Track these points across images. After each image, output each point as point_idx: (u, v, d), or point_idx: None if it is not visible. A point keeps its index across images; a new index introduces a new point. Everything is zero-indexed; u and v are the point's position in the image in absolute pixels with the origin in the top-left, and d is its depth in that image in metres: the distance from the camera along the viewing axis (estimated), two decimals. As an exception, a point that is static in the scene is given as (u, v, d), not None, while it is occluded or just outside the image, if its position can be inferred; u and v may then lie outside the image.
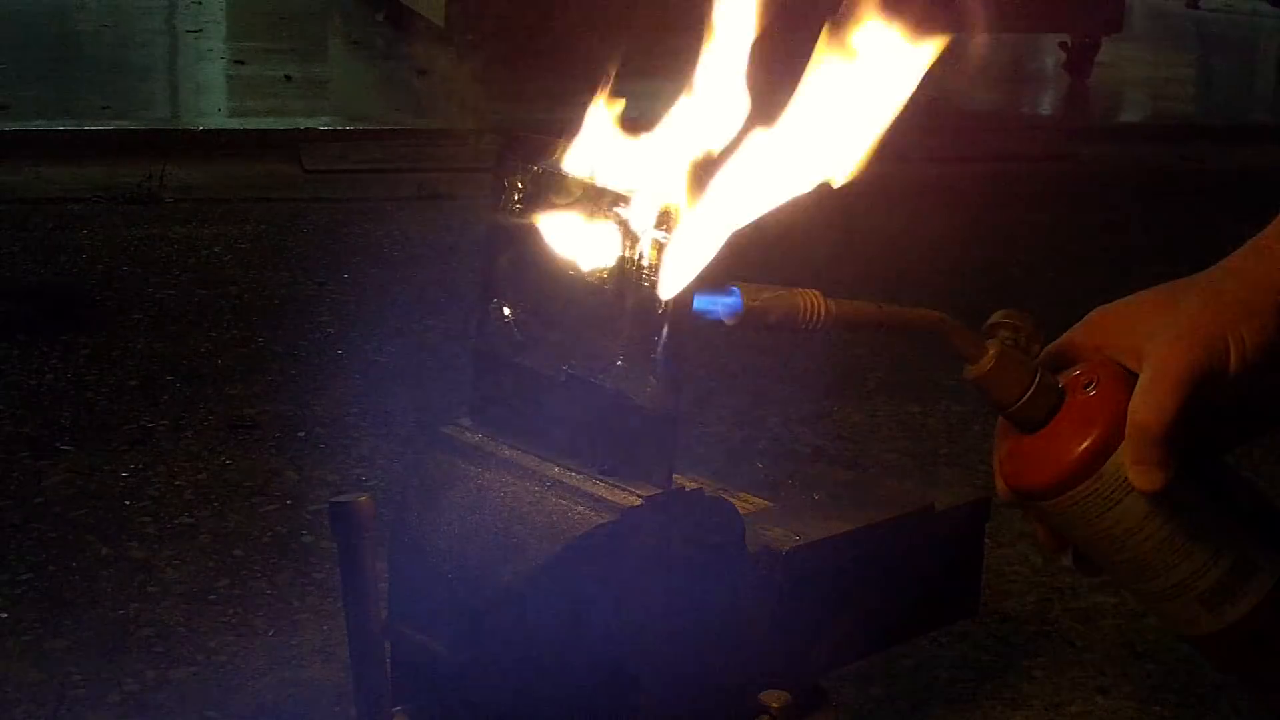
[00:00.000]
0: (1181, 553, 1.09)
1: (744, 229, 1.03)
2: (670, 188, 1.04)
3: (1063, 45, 7.90)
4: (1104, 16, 7.74)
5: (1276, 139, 7.06)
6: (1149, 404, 1.04)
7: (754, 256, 1.04)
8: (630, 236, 1.05)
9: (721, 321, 1.02)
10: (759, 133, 1.04)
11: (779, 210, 1.04)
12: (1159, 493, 1.05)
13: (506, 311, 1.13)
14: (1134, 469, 1.05)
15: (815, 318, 1.03)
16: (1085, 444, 1.07)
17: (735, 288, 1.02)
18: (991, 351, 1.09)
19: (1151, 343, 1.06)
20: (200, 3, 9.24)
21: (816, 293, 1.03)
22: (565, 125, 1.10)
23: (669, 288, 1.03)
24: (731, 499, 1.17)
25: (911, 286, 4.29)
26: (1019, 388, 1.09)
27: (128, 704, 2.34)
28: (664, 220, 1.04)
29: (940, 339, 1.09)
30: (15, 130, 5.95)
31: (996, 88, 8.57)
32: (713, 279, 1.02)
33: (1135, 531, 1.08)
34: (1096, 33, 7.78)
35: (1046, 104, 8.29)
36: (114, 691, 2.37)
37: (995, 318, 1.12)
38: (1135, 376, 1.07)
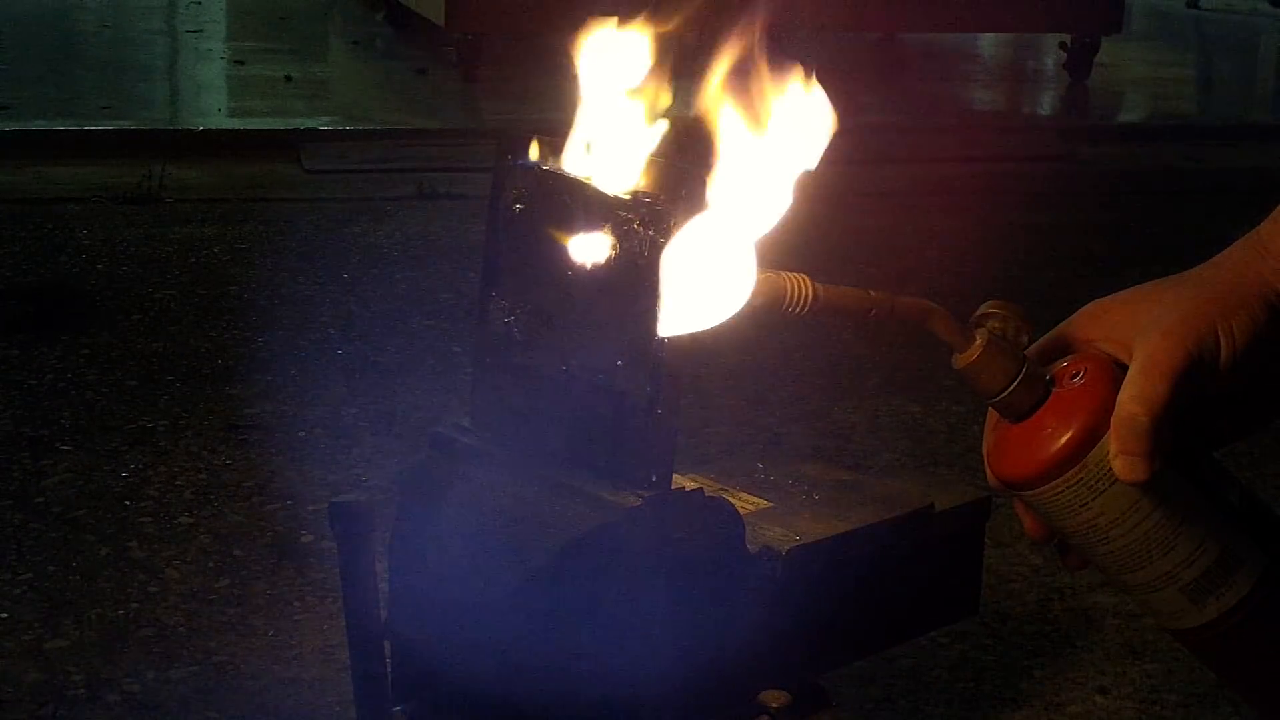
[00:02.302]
0: (1166, 545, 1.08)
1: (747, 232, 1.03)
2: (671, 187, 1.04)
3: (1063, 45, 7.90)
4: (1104, 16, 7.74)
5: (1276, 139, 7.06)
6: (1137, 394, 1.04)
7: (756, 256, 1.03)
8: (630, 236, 1.05)
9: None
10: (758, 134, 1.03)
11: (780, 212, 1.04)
12: (1143, 484, 1.05)
13: (506, 311, 1.13)
14: (1119, 459, 1.05)
15: (802, 302, 1.02)
16: (1070, 434, 1.07)
17: None
18: (979, 341, 1.08)
19: (1142, 336, 1.06)
20: (200, 3, 9.24)
21: (804, 276, 1.03)
22: (565, 125, 1.10)
23: (669, 296, 1.03)
24: (731, 499, 1.16)
25: (911, 286, 4.29)
26: (1005, 377, 1.08)
27: (128, 704, 2.34)
28: (664, 220, 1.03)
29: (927, 327, 1.09)
30: (15, 130, 5.95)
31: (996, 88, 8.57)
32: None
33: (1119, 522, 1.08)
34: (1096, 33, 7.78)
35: (1046, 104, 8.28)
36: (114, 691, 2.37)
37: (984, 308, 1.12)
38: (1124, 369, 1.07)
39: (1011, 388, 1.08)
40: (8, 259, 4.53)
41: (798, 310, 1.02)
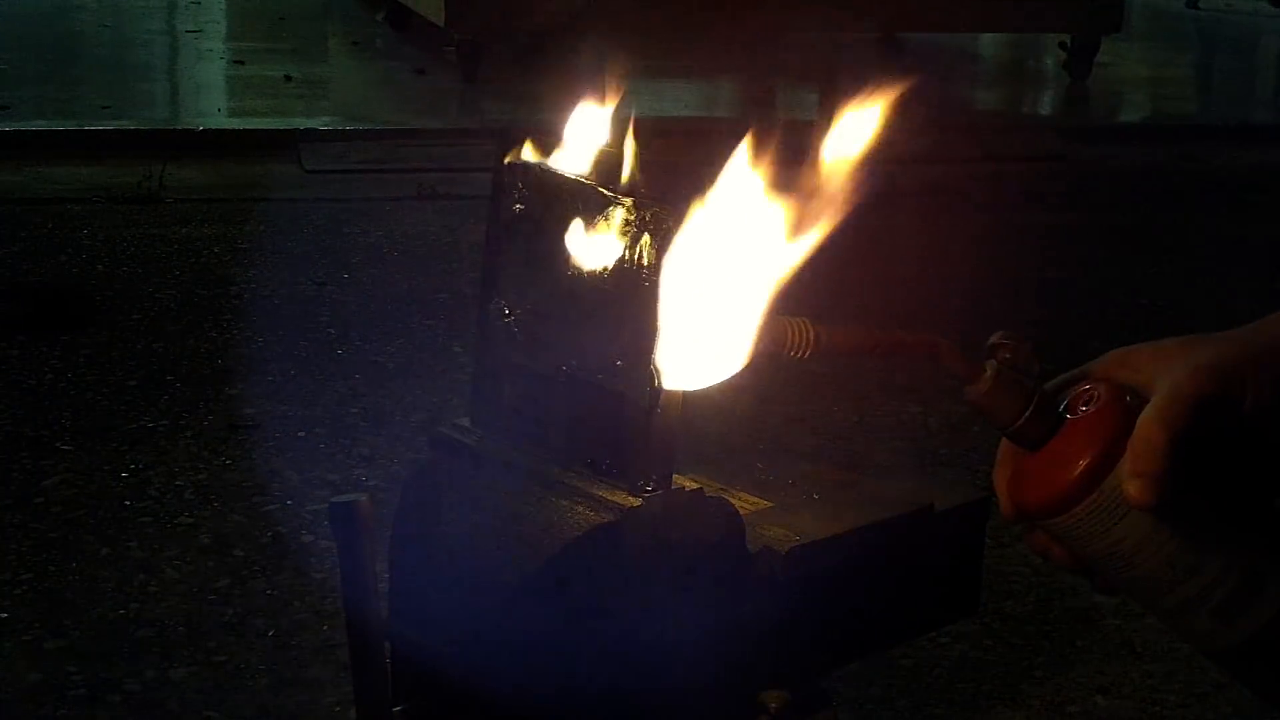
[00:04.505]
0: (1190, 568, 1.08)
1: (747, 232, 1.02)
2: (672, 187, 1.04)
3: (1063, 45, 7.90)
4: (1104, 16, 7.74)
5: (1276, 139, 7.06)
6: (1158, 416, 1.04)
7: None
8: (631, 236, 1.05)
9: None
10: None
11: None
12: (1153, 508, 1.05)
13: (506, 311, 1.13)
14: (1131, 482, 1.04)
15: (803, 346, 1.03)
16: (1084, 461, 1.07)
17: None
18: (989, 372, 1.08)
19: (1168, 373, 1.07)
20: (200, 3, 9.24)
21: (804, 320, 1.03)
22: (566, 125, 1.10)
23: (669, 295, 1.03)
24: (731, 499, 1.16)
25: (911, 286, 4.30)
26: (1017, 407, 1.08)
27: (128, 704, 2.34)
28: (664, 220, 1.03)
29: (936, 363, 1.09)
30: (15, 130, 5.95)
31: (996, 88, 8.57)
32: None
33: (1142, 547, 1.08)
34: (1096, 33, 7.78)
35: (1046, 104, 8.28)
36: (114, 691, 2.37)
37: (993, 339, 1.12)
38: (1138, 398, 1.07)
39: (1024, 417, 1.08)
40: (8, 259, 4.53)
41: (800, 355, 1.03)
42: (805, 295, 1.04)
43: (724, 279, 1.01)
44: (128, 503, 2.97)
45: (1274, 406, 1.06)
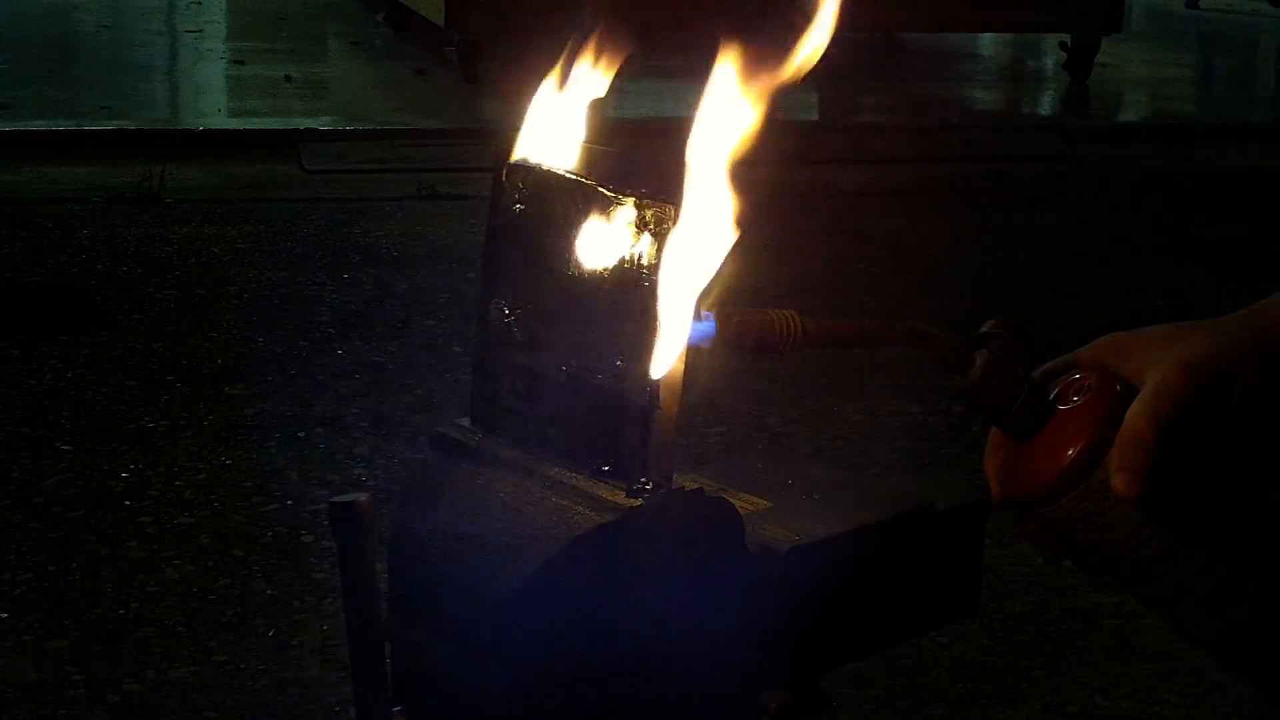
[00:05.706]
0: (1179, 557, 1.09)
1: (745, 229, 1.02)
2: (671, 186, 1.04)
3: (1063, 45, 7.90)
4: (1104, 16, 7.74)
5: (1276, 139, 7.06)
6: (1147, 411, 1.05)
7: (761, 254, 1.04)
8: (630, 235, 1.05)
9: (696, 348, 1.02)
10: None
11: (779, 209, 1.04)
12: (1140, 501, 1.05)
13: (506, 311, 1.13)
14: (1118, 475, 1.05)
15: (793, 339, 1.03)
16: (1073, 452, 1.07)
17: (708, 313, 1.01)
18: (979, 361, 1.09)
19: (1157, 364, 1.07)
20: (200, 3, 9.24)
21: (793, 313, 1.03)
22: (566, 124, 1.10)
23: (668, 295, 1.03)
24: (731, 499, 1.16)
25: (913, 285, 4.30)
26: (1008, 397, 1.09)
27: (128, 704, 2.34)
28: (664, 220, 1.03)
29: (926, 351, 1.09)
30: (15, 130, 5.95)
31: (996, 88, 8.57)
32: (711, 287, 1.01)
33: (1131, 536, 1.08)
34: (1096, 33, 7.79)
35: (1046, 104, 8.29)
36: (114, 691, 2.37)
37: (984, 327, 1.12)
38: (1127, 388, 1.07)
39: (1014, 407, 1.09)
40: (8, 259, 4.53)
41: (790, 348, 1.02)
42: (804, 294, 1.04)
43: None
44: (128, 503, 2.97)
45: (1264, 392, 1.07)
